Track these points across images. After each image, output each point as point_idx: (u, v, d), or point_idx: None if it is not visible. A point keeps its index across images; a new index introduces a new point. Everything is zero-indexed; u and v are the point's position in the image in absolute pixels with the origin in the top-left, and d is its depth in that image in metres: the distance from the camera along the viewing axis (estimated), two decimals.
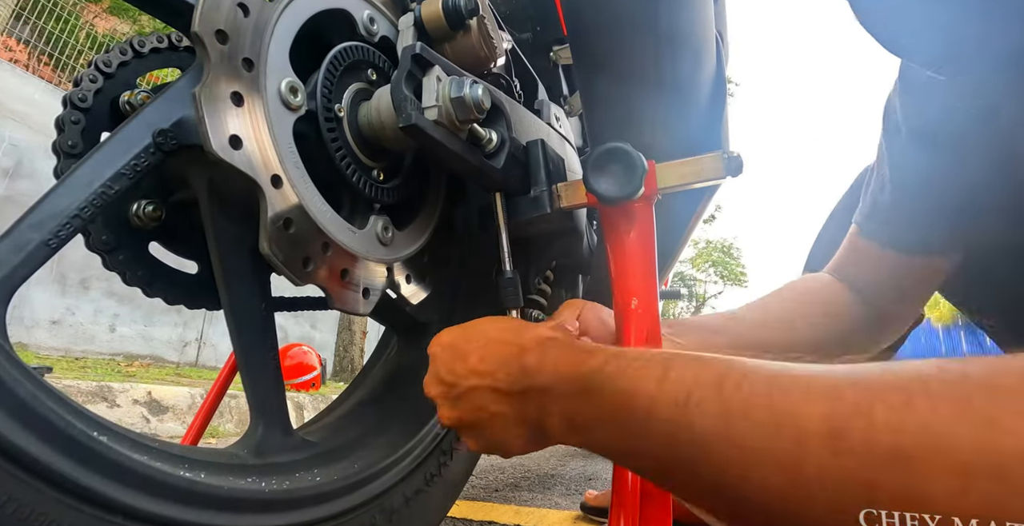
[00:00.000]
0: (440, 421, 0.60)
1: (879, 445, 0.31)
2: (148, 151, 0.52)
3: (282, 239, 0.57)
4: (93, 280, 6.09)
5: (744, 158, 0.61)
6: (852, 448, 0.32)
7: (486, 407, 0.55)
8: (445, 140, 0.62)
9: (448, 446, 0.87)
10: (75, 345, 5.95)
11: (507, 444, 0.56)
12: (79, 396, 2.42)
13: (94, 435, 0.47)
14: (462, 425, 0.57)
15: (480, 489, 1.64)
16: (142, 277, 0.71)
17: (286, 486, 0.61)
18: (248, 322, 0.62)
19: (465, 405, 0.56)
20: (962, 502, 0.28)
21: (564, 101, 1.01)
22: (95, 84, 0.70)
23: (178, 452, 0.55)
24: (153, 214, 0.69)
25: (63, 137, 0.67)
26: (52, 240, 0.47)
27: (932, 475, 0.29)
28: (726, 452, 0.37)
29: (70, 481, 0.45)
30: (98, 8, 9.31)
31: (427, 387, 0.60)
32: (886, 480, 0.31)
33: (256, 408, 0.63)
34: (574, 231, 0.77)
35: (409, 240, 0.74)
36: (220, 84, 0.53)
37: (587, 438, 0.49)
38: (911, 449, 0.30)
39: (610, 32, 0.67)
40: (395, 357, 0.91)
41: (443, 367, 0.58)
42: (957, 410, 0.30)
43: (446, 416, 0.58)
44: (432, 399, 0.59)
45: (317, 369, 4.82)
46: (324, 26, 0.66)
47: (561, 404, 0.50)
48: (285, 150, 0.58)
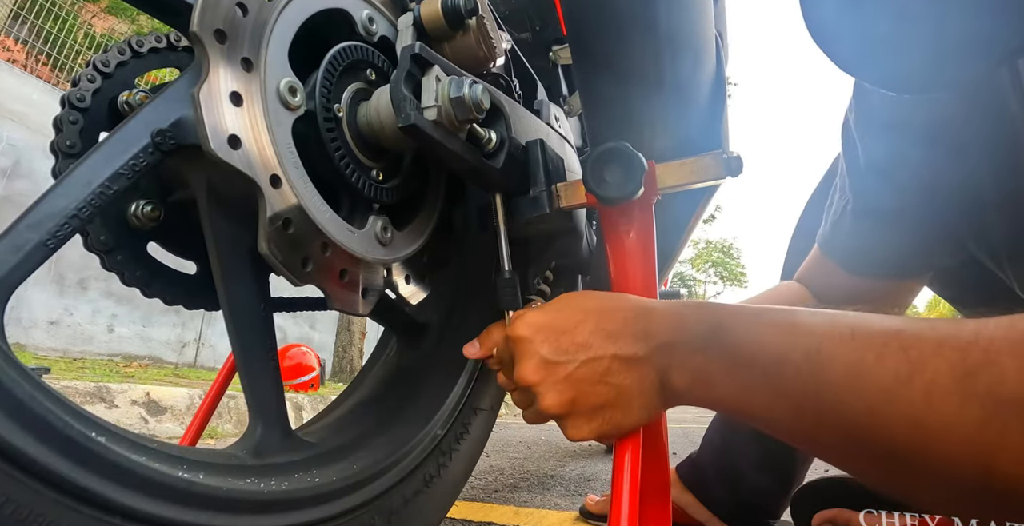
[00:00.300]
0: (537, 414, 0.57)
1: (1008, 394, 0.32)
2: (147, 151, 0.52)
3: (281, 239, 0.57)
4: (91, 280, 6.08)
5: (744, 158, 0.61)
6: (980, 397, 0.33)
7: (607, 379, 0.52)
8: (444, 140, 0.62)
9: (448, 447, 0.87)
10: (73, 346, 5.94)
11: (628, 418, 0.53)
12: (77, 397, 2.42)
13: (92, 436, 0.47)
14: (573, 409, 0.54)
15: (479, 490, 1.64)
16: (140, 277, 0.71)
17: (285, 487, 0.61)
18: (247, 322, 0.62)
19: (580, 384, 0.53)
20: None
21: (563, 101, 1.01)
22: (93, 84, 0.70)
23: (176, 453, 0.55)
24: (152, 214, 0.69)
25: (61, 137, 0.67)
26: (50, 240, 0.47)
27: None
28: (857, 402, 0.38)
29: (68, 482, 0.44)
30: (96, 8, 9.30)
31: (524, 375, 0.56)
32: (1014, 427, 0.32)
33: (255, 409, 0.63)
34: (573, 231, 0.77)
35: (408, 240, 0.73)
36: (219, 84, 0.53)
37: (712, 393, 0.48)
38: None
39: (610, 32, 0.67)
40: (394, 357, 0.91)
41: (544, 347, 0.54)
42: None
43: (553, 403, 0.54)
44: (530, 388, 0.55)
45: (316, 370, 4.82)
46: (323, 26, 0.65)
47: (687, 359, 0.49)
48: (284, 150, 0.58)
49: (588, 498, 1.33)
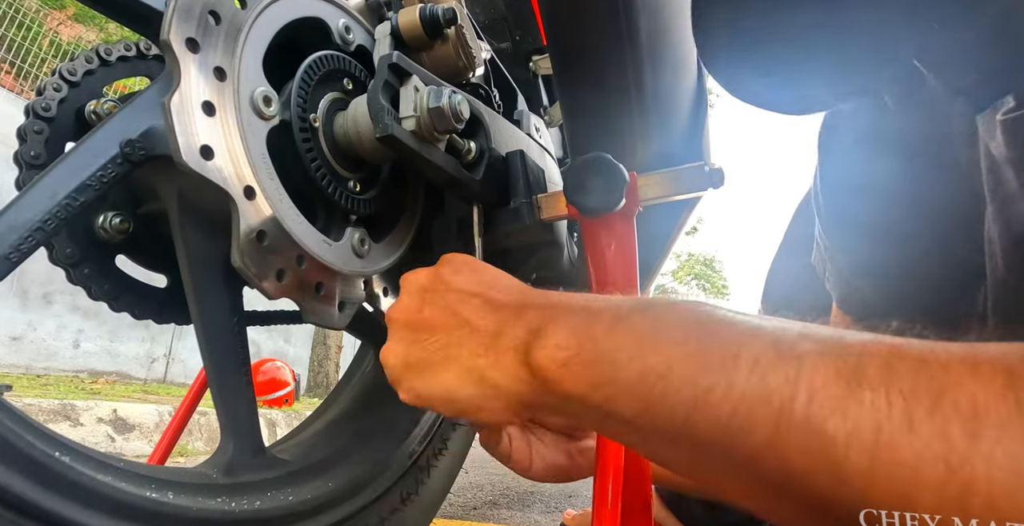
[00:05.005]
0: (393, 382, 0.51)
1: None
2: (115, 162, 0.51)
3: (255, 252, 0.56)
4: (56, 294, 5.95)
5: (726, 170, 0.61)
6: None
7: (460, 312, 0.46)
8: (423, 151, 0.61)
9: (425, 464, 0.86)
10: (36, 362, 5.80)
11: (457, 383, 0.44)
12: (40, 415, 2.35)
13: (56, 455, 0.46)
14: (408, 356, 0.48)
15: (458, 507, 1.62)
16: (108, 291, 0.69)
17: (257, 506, 0.60)
18: (219, 337, 0.60)
19: (432, 312, 0.47)
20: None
21: (544, 111, 1.01)
22: (59, 93, 0.69)
23: (145, 472, 0.53)
24: (120, 226, 0.67)
25: (25, 147, 0.66)
26: (13, 254, 0.46)
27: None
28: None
29: (30, 504, 0.43)
30: (62, 15, 9.15)
31: (389, 313, 0.51)
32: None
33: (227, 426, 0.61)
34: (554, 243, 0.77)
35: (386, 252, 0.72)
36: (190, 93, 0.52)
37: (598, 392, 0.38)
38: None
39: (590, 42, 0.67)
40: (371, 372, 0.89)
41: (424, 279, 0.50)
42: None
43: (392, 349, 0.49)
44: (389, 326, 0.50)
45: (291, 385, 4.78)
46: (299, 35, 0.65)
47: (569, 327, 0.40)
48: (258, 161, 0.57)
49: (566, 513, 1.32)
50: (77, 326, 6.20)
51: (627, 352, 0.37)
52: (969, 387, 0.28)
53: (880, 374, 0.30)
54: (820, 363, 0.31)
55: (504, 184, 0.71)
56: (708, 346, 0.35)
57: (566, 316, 0.42)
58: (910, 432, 0.28)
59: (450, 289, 0.49)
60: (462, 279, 0.49)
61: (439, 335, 0.47)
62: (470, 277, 0.50)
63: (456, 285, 0.49)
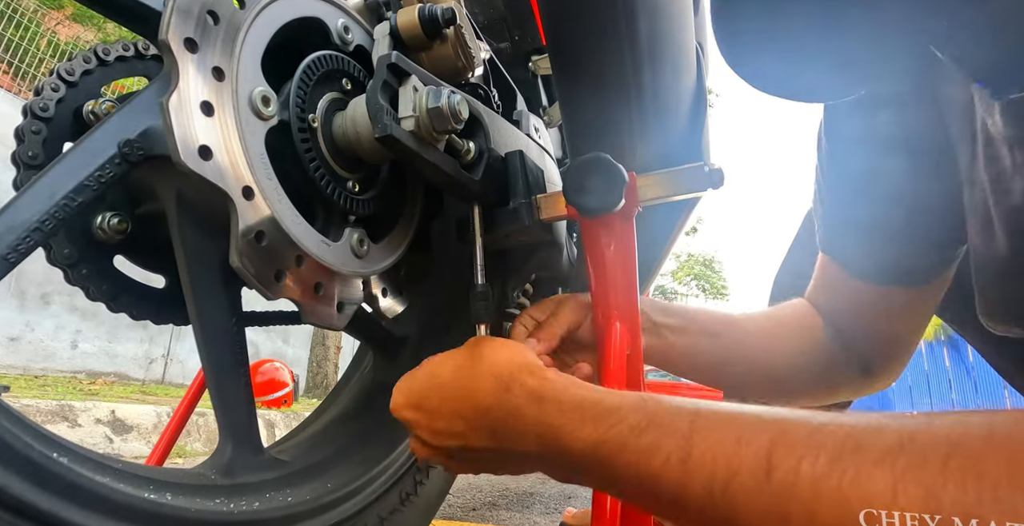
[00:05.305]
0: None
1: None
2: (113, 162, 0.51)
3: (254, 252, 0.56)
4: (54, 295, 5.94)
5: (725, 170, 0.61)
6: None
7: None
8: (422, 151, 0.61)
9: (424, 465, 0.85)
10: (34, 362, 5.79)
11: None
12: (38, 416, 2.35)
13: (54, 456, 0.46)
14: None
15: (457, 508, 1.62)
16: (106, 292, 0.69)
17: (256, 507, 0.60)
18: (218, 337, 0.60)
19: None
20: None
21: (543, 112, 1.00)
22: (57, 93, 0.69)
23: (143, 473, 0.53)
24: (118, 226, 0.67)
25: (23, 148, 0.65)
26: (11, 254, 0.45)
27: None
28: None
29: (28, 505, 0.43)
30: (60, 15, 9.14)
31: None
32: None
33: (225, 426, 0.61)
34: (553, 244, 0.76)
35: (385, 253, 0.72)
36: (189, 94, 0.52)
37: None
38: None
39: (590, 42, 0.67)
40: (370, 373, 0.89)
41: (423, 432, 0.57)
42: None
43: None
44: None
45: (289, 385, 4.78)
46: (297, 35, 0.64)
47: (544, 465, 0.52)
48: (257, 161, 0.57)
49: (566, 512, 1.32)
50: (75, 327, 6.18)
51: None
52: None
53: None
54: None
55: (503, 184, 0.71)
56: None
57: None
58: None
59: (455, 449, 0.56)
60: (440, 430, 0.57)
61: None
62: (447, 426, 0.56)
63: (455, 445, 0.56)
